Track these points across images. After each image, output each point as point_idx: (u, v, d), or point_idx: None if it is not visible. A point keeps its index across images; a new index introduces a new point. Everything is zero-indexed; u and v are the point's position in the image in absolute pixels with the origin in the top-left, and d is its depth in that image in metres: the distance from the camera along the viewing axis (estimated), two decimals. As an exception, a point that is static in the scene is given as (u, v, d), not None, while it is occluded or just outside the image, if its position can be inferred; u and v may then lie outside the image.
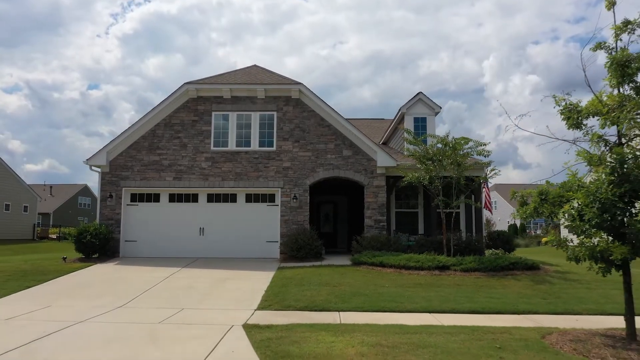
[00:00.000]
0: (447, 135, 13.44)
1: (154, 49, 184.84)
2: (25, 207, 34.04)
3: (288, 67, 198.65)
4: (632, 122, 5.59)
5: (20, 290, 9.90)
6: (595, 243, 5.83)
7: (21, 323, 7.17)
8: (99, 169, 15.08)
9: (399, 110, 17.20)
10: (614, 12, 6.46)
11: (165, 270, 12.20)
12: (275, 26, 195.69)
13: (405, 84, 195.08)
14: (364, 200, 15.34)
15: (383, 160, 14.90)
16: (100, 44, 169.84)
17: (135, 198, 15.35)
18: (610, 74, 5.90)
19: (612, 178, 5.81)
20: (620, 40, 6.34)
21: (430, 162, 13.13)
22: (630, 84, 5.92)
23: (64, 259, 13.68)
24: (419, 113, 16.87)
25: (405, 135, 14.74)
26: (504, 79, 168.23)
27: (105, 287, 10.45)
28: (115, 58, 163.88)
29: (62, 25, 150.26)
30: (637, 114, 5.73)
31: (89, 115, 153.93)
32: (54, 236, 37.38)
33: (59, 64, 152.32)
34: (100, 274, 12.01)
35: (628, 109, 5.65)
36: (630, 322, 6.12)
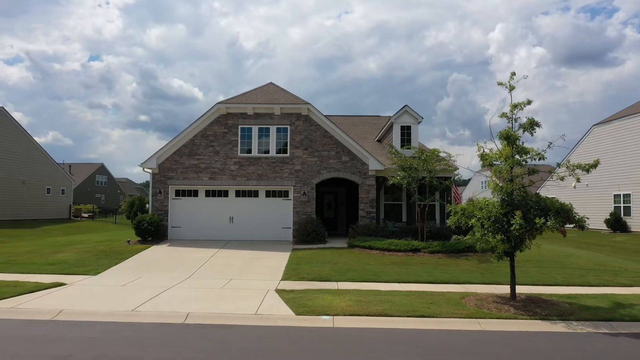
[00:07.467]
0: (421, 150, 17.22)
1: (156, 19, 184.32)
2: (63, 190, 38.07)
3: (292, 38, 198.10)
4: (508, 173, 9.42)
5: (112, 266, 13.75)
6: (489, 241, 9.69)
7: (133, 288, 10.98)
8: (150, 171, 18.98)
9: (389, 119, 20.93)
10: (511, 95, 10.24)
11: (208, 250, 16.23)
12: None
13: (410, 56, 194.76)
14: (358, 194, 19.24)
15: (374, 164, 18.70)
16: (101, 14, 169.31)
17: (179, 193, 19.34)
18: (500, 141, 9.72)
19: (502, 202, 9.67)
20: (514, 113, 10.11)
21: (408, 169, 16.93)
22: (514, 147, 9.72)
23: (128, 241, 17.76)
24: (405, 122, 20.61)
25: (390, 149, 18.57)
26: (509, 52, 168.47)
27: (170, 263, 14.41)
28: (116, 28, 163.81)
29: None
30: (517, 164, 9.56)
31: (91, 87, 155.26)
32: (86, 215, 41.53)
33: (59, 34, 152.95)
34: (161, 254, 16.03)
35: (509, 163, 9.50)
36: (512, 288, 10.02)
